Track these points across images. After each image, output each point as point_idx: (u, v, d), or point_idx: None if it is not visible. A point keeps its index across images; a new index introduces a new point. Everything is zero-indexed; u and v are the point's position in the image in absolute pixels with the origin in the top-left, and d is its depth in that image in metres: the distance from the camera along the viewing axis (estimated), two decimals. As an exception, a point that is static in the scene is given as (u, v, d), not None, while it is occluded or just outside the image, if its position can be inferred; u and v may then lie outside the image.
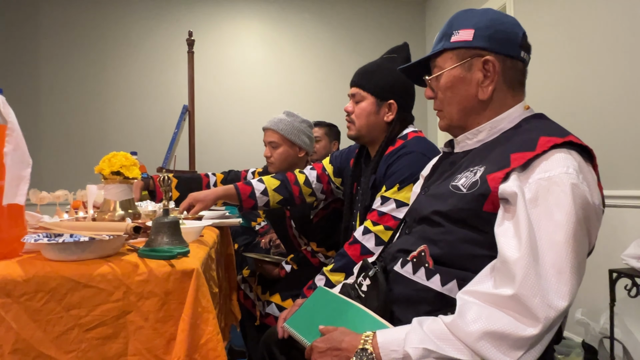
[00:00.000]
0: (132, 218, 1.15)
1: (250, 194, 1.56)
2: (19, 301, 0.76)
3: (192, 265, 0.82)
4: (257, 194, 1.56)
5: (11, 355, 0.76)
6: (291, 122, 1.90)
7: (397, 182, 1.30)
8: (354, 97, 1.45)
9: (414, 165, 1.29)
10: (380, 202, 1.32)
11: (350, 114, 1.45)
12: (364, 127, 1.43)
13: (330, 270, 1.32)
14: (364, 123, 1.42)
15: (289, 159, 1.90)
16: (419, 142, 1.38)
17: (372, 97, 1.41)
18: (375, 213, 1.31)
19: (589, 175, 0.79)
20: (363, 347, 0.76)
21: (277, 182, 1.60)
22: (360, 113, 1.42)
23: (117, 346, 0.79)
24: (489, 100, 0.91)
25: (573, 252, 0.71)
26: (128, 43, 3.94)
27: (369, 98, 1.42)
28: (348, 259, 1.29)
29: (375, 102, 1.41)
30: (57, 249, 0.81)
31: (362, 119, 1.42)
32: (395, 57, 1.46)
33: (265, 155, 1.93)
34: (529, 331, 0.67)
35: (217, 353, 0.80)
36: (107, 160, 1.14)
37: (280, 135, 1.88)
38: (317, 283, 1.31)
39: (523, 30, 0.91)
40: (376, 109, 1.42)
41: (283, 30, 4.16)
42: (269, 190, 1.58)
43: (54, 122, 3.81)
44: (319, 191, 1.64)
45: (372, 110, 1.42)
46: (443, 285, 0.83)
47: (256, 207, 1.60)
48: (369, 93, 1.42)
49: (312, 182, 1.62)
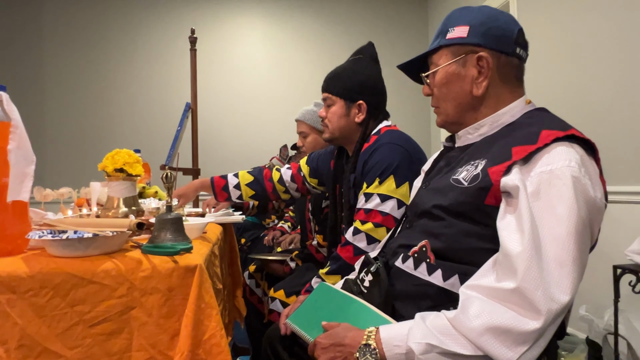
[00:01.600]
0: (136, 215, 1.16)
1: (223, 186, 1.67)
2: (24, 297, 0.77)
3: (195, 261, 0.83)
4: (230, 187, 1.67)
5: (17, 351, 0.77)
6: (317, 111, 1.99)
7: (376, 177, 1.31)
8: (325, 101, 1.50)
9: (390, 157, 1.32)
10: (364, 200, 1.32)
11: (324, 118, 1.50)
12: (336, 129, 1.47)
13: (326, 273, 1.32)
14: (336, 126, 1.47)
15: (318, 146, 2.03)
16: (391, 134, 1.40)
17: (341, 100, 1.45)
18: (362, 212, 1.31)
19: (591, 168, 0.79)
20: (366, 343, 0.76)
21: (250, 177, 1.69)
22: (332, 117, 1.47)
23: (121, 342, 0.80)
24: (484, 97, 0.91)
25: (575, 246, 0.71)
26: (131, 41, 3.95)
27: (338, 101, 1.46)
28: (342, 262, 1.30)
29: (344, 104, 1.45)
30: (61, 246, 0.81)
31: (334, 122, 1.47)
32: (361, 57, 1.51)
33: (298, 145, 2.12)
34: (532, 325, 0.67)
35: (221, 349, 0.80)
36: (111, 157, 1.15)
37: (307, 125, 2.04)
38: (314, 286, 1.31)
39: (519, 27, 0.91)
40: (346, 111, 1.45)
41: (285, 27, 4.16)
42: (242, 185, 1.68)
43: (57, 119, 3.83)
44: (293, 190, 1.71)
45: (342, 113, 1.46)
46: (445, 281, 0.83)
47: (230, 199, 1.69)
48: (338, 96, 1.46)
49: (286, 182, 1.69)
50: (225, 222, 1.55)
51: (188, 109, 2.20)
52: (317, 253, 1.81)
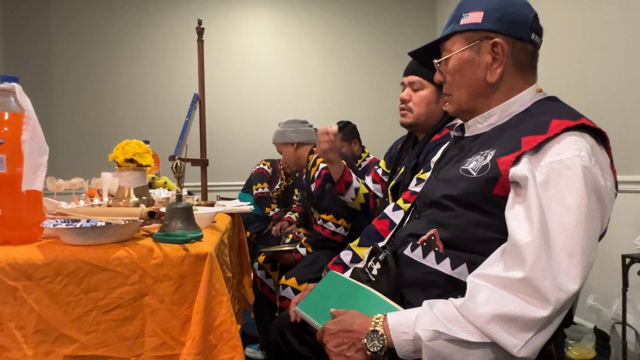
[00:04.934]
0: (146, 205, 1.18)
1: (347, 183, 1.67)
2: (39, 284, 0.79)
3: (205, 249, 0.84)
4: (352, 187, 1.67)
5: (34, 336, 0.79)
6: (277, 130, 2.26)
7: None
8: (412, 85, 1.46)
9: None
10: (415, 183, 1.34)
11: (407, 101, 1.46)
12: (422, 115, 1.44)
13: (358, 245, 1.34)
14: (423, 111, 1.44)
15: (291, 156, 2.24)
16: None
17: (433, 86, 1.43)
18: (408, 192, 1.34)
19: (602, 158, 0.78)
20: (374, 329, 0.77)
21: (365, 189, 1.72)
22: (420, 101, 1.44)
23: (134, 327, 0.82)
24: (498, 83, 0.89)
25: (584, 235, 0.70)
26: (138, 32, 3.95)
27: (429, 87, 1.44)
28: (375, 232, 1.32)
29: (435, 90, 1.43)
30: (75, 234, 0.83)
31: (421, 107, 1.44)
32: None
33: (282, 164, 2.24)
34: (540, 313, 0.67)
35: (231, 334, 0.82)
36: (121, 148, 1.16)
37: (276, 144, 2.28)
38: (344, 258, 1.33)
39: (534, 12, 0.90)
40: (436, 98, 1.43)
41: (293, 18, 4.13)
42: (360, 192, 1.70)
43: (68, 111, 3.86)
44: (378, 191, 1.73)
45: (433, 99, 1.44)
46: (453, 269, 0.83)
47: (343, 194, 1.68)
48: (430, 82, 1.43)
49: (370, 186, 1.73)
50: (234, 212, 1.56)
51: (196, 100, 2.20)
52: (324, 230, 1.85)
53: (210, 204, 1.62)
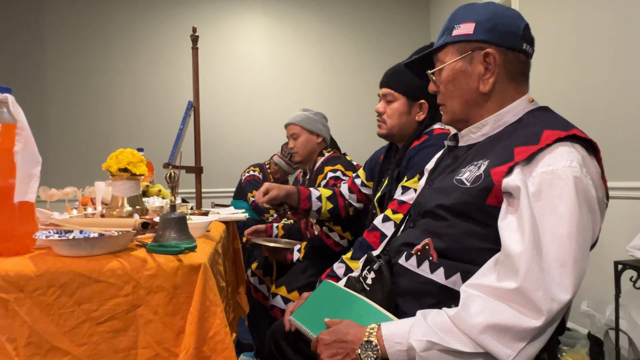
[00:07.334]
0: (140, 214, 1.17)
1: (307, 196, 1.68)
2: (31, 296, 0.78)
3: (199, 260, 0.84)
4: (313, 198, 1.68)
5: (25, 348, 0.78)
6: (306, 114, 2.13)
7: (417, 173, 1.33)
8: (385, 97, 1.48)
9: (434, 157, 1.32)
10: (401, 192, 1.35)
11: (382, 114, 1.49)
12: (395, 126, 1.47)
13: (350, 258, 1.34)
14: (396, 123, 1.46)
15: (309, 146, 2.12)
16: (443, 137, 1.40)
17: (404, 97, 1.45)
18: (396, 202, 1.34)
19: (593, 168, 0.79)
20: (368, 339, 0.77)
21: (329, 191, 1.73)
22: (392, 113, 1.46)
23: (127, 339, 0.81)
24: (491, 93, 0.91)
25: (576, 245, 0.71)
26: (133, 40, 3.95)
27: (400, 99, 1.45)
28: (367, 246, 1.32)
29: (406, 102, 1.45)
30: (67, 245, 0.83)
31: (394, 119, 1.46)
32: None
33: (289, 147, 2.17)
34: (532, 323, 0.68)
35: (225, 345, 0.82)
36: (115, 157, 1.16)
37: (299, 127, 2.11)
38: (337, 271, 1.33)
39: (525, 23, 0.91)
40: (408, 109, 1.45)
41: (287, 25, 4.15)
42: (323, 197, 1.70)
43: (61, 120, 3.84)
44: (354, 201, 1.74)
45: (404, 111, 1.45)
46: (447, 278, 0.84)
47: (309, 211, 1.69)
48: (401, 93, 1.45)
49: (345, 195, 1.73)
50: (229, 220, 1.56)
51: (190, 107, 2.20)
52: (328, 238, 1.84)
53: (204, 212, 1.62)
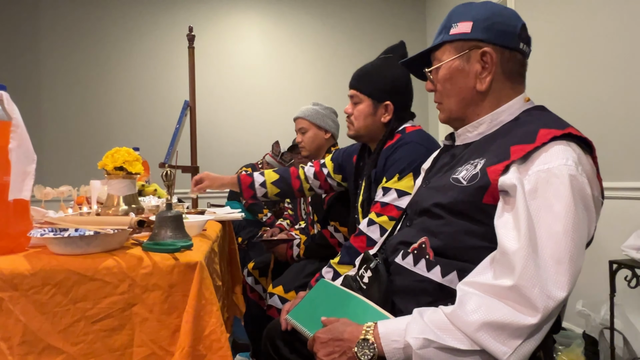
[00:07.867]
0: (136, 213, 1.17)
1: (250, 184, 1.72)
2: (26, 294, 0.78)
3: (195, 258, 0.83)
4: (256, 185, 1.72)
5: (20, 347, 0.77)
6: (316, 109, 2.10)
7: (396, 172, 1.33)
8: (352, 98, 1.50)
9: (412, 155, 1.33)
10: (382, 194, 1.35)
11: (350, 115, 1.50)
12: (362, 128, 1.48)
13: (338, 263, 1.34)
14: (362, 124, 1.48)
15: (316, 141, 2.08)
16: (416, 134, 1.42)
17: (369, 99, 1.46)
18: (378, 204, 1.34)
19: (588, 167, 0.80)
20: (364, 338, 0.77)
21: (276, 175, 1.73)
22: (359, 115, 1.48)
23: (123, 338, 0.81)
24: (487, 92, 0.91)
25: (572, 243, 0.71)
26: (129, 39, 3.94)
27: (365, 100, 1.47)
28: (355, 251, 1.32)
29: (371, 104, 1.46)
30: (63, 243, 0.82)
31: (360, 120, 1.48)
32: (391, 56, 1.50)
33: (297, 142, 2.14)
34: (528, 320, 0.68)
35: (221, 344, 0.81)
36: (110, 155, 1.15)
37: (307, 121, 2.08)
38: (325, 276, 1.33)
39: (522, 22, 0.91)
40: (373, 111, 1.46)
41: (283, 25, 4.15)
42: (267, 183, 1.73)
43: (56, 118, 3.82)
44: (316, 187, 1.75)
45: (369, 112, 1.46)
46: (443, 277, 0.84)
47: (256, 197, 1.74)
48: (366, 95, 1.46)
49: (309, 178, 1.74)
50: (225, 219, 1.56)
51: (186, 106, 2.20)
52: (332, 238, 1.84)
53: (200, 211, 1.61)
